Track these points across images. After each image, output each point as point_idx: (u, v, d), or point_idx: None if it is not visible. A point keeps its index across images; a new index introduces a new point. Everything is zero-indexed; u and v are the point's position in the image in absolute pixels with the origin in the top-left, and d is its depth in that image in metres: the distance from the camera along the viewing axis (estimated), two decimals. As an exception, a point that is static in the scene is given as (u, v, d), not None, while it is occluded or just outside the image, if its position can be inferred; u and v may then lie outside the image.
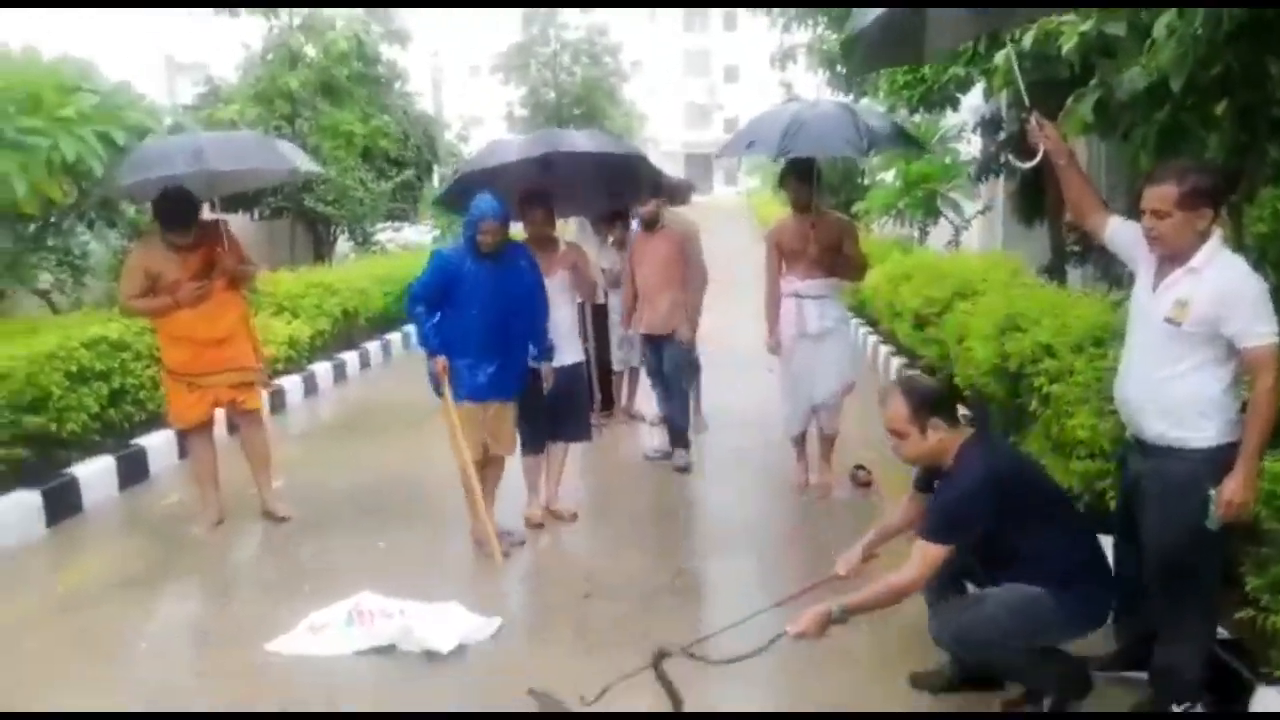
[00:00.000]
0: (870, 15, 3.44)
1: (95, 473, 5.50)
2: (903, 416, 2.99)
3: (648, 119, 43.84)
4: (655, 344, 5.95)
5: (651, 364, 6.15)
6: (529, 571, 4.53)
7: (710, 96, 60.50)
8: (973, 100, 9.47)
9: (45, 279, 8.35)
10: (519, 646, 3.67)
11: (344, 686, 3.37)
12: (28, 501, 4.99)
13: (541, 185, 4.97)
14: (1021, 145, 4.52)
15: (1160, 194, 2.78)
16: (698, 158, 53.76)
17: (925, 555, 2.87)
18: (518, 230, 4.87)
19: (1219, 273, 2.75)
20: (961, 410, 3.30)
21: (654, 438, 6.37)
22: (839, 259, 5.24)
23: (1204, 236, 2.78)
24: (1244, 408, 2.76)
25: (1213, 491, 2.72)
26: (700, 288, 6.01)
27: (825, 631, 2.90)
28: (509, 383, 4.54)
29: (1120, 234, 3.09)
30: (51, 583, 4.45)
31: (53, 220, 8.11)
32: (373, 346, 10.09)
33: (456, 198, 5.53)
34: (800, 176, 5.21)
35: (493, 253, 4.37)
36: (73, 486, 5.31)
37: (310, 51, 12.34)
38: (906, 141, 5.66)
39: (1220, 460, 2.74)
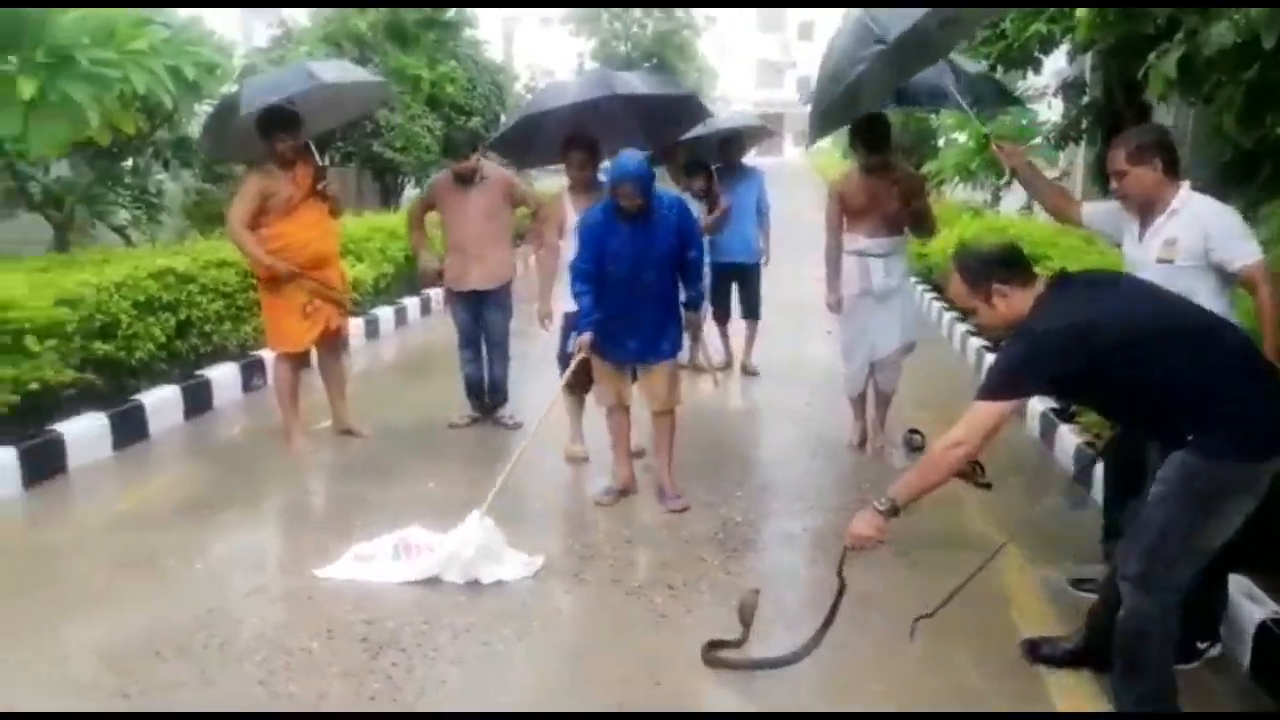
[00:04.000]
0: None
1: (161, 401, 5.66)
2: (963, 292, 2.80)
3: (718, 76, 43.15)
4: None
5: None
6: (573, 513, 4.55)
7: (784, 54, 59.30)
8: (1055, 64, 9.09)
9: (123, 216, 8.61)
10: (557, 585, 3.69)
11: (386, 611, 3.43)
12: (96, 425, 5.16)
13: (584, 127, 4.92)
14: (1103, 111, 4.81)
15: (1113, 158, 3.25)
16: (769, 117, 52.85)
17: (975, 415, 2.59)
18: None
19: (1196, 208, 3.17)
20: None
21: None
22: (907, 214, 5.10)
23: (1173, 185, 3.19)
24: None
25: None
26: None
27: (883, 533, 2.76)
28: (660, 344, 4.42)
29: (1096, 214, 3.58)
30: (114, 503, 4.61)
31: (128, 157, 8.34)
32: (434, 293, 10.18)
33: (513, 142, 5.54)
34: (872, 135, 5.01)
35: (639, 213, 4.19)
36: (139, 413, 5.47)
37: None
38: (1003, 96, 5.47)
39: None
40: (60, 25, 5.69)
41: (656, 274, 4.31)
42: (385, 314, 8.90)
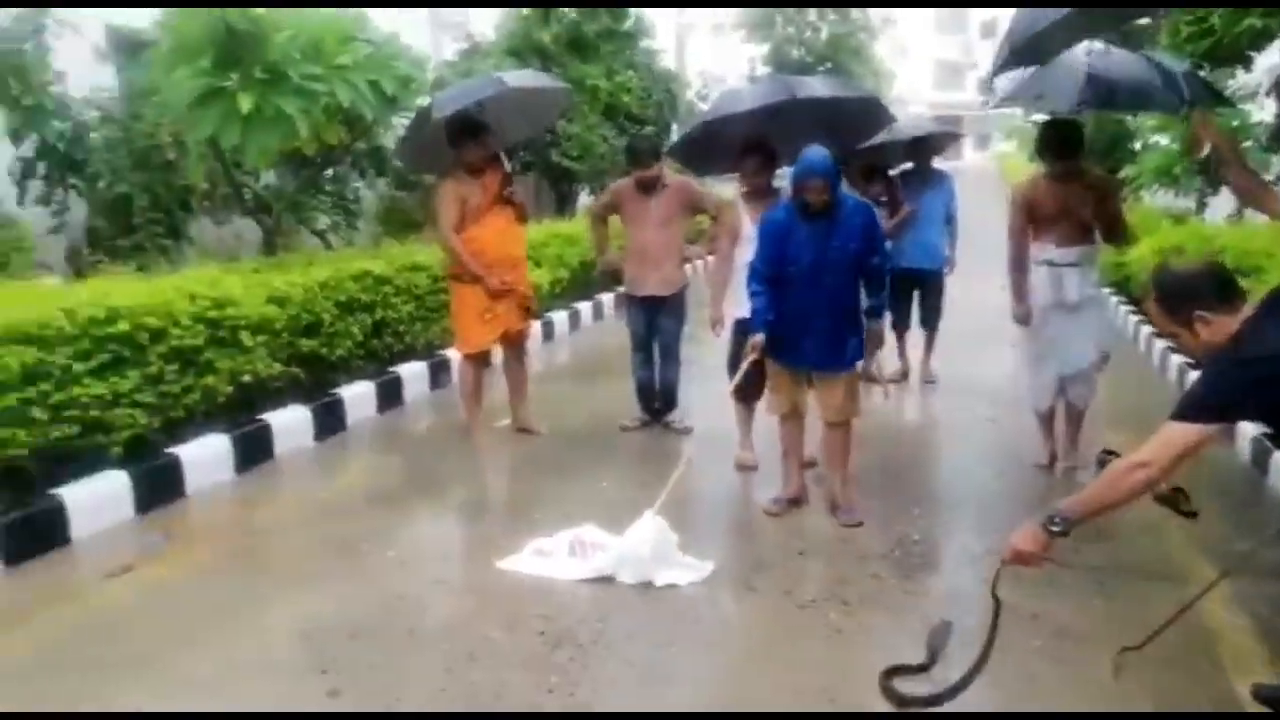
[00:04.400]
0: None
1: (358, 395, 6.05)
2: (1162, 319, 2.61)
3: (895, 77, 41.96)
4: None
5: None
6: (742, 521, 4.53)
7: (964, 54, 57.05)
8: (1269, 59, 8.31)
9: (323, 221, 9.27)
10: (728, 593, 3.68)
11: (563, 607, 3.51)
12: (300, 416, 5.55)
13: (760, 134, 4.87)
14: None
15: None
16: (947, 119, 50.95)
17: (1165, 436, 2.41)
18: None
19: None
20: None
21: None
22: (1100, 221, 4.80)
23: None
24: None
25: None
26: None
27: (1048, 551, 2.57)
28: (840, 352, 4.29)
29: None
30: (315, 490, 4.95)
31: (329, 167, 8.95)
32: (606, 298, 10.40)
33: (690, 149, 5.57)
34: (1061, 142, 4.73)
35: (823, 211, 4.12)
36: (339, 406, 5.86)
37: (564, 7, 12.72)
38: (1211, 96, 5.06)
39: None
40: (275, 43, 6.15)
41: (838, 278, 4.22)
42: (560, 317, 9.16)
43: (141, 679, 3.07)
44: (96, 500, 4.30)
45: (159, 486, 4.60)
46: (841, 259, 4.19)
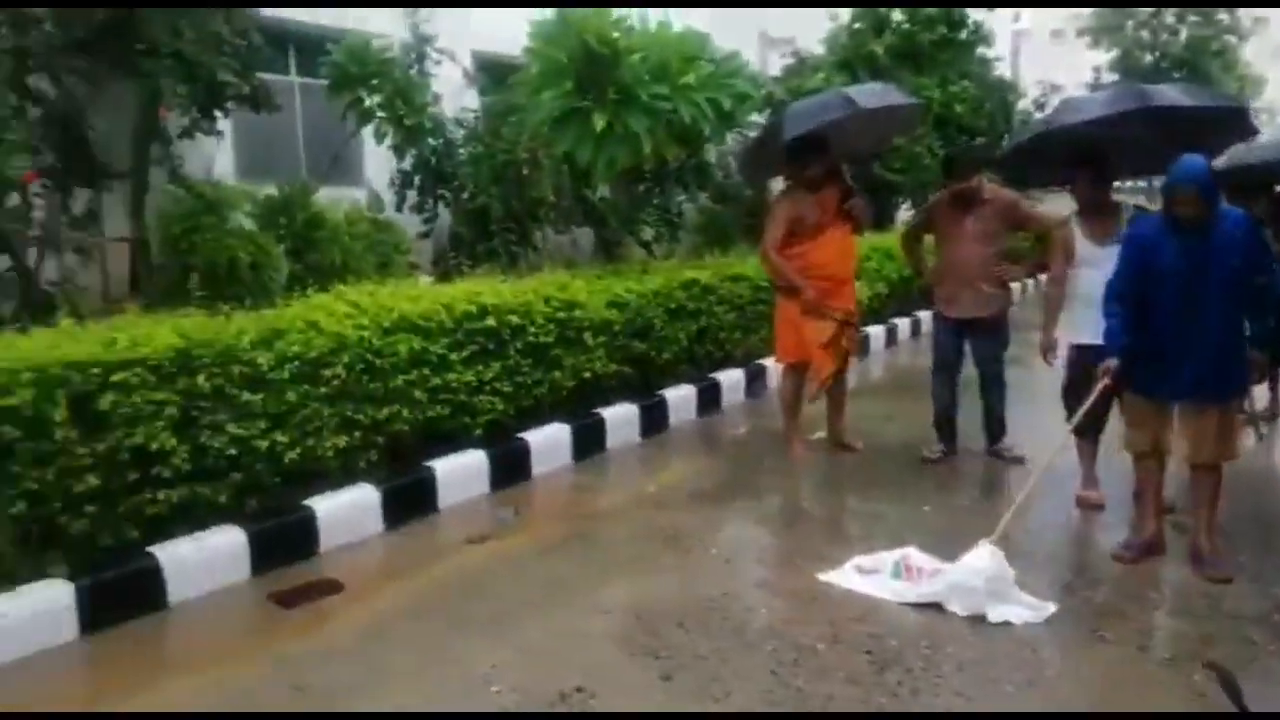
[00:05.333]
0: None
1: (680, 398, 6.32)
2: None
3: (1265, 84, 36.94)
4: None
5: None
6: (1087, 563, 4.18)
7: (1360, 53, 48.97)
8: None
9: (648, 232, 9.79)
10: (1073, 638, 3.41)
11: (890, 628, 3.45)
12: (629, 413, 5.89)
13: (1097, 145, 4.47)
14: None
15: None
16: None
17: None
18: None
19: None
20: None
21: None
22: None
23: None
24: None
25: None
26: None
27: None
28: (1216, 382, 3.86)
29: None
30: (643, 483, 5.23)
31: (660, 182, 9.43)
32: (924, 315, 10.05)
33: (1017, 160, 5.24)
34: None
35: (1197, 225, 3.75)
36: (662, 406, 6.16)
37: (898, 16, 12.47)
38: None
39: None
40: (627, 65, 6.58)
41: (1214, 298, 3.78)
42: (876, 332, 9.00)
43: (493, 636, 3.41)
44: (461, 475, 4.83)
45: (510, 467, 5.08)
46: (1219, 278, 3.76)
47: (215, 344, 3.93)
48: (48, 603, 3.35)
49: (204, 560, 3.75)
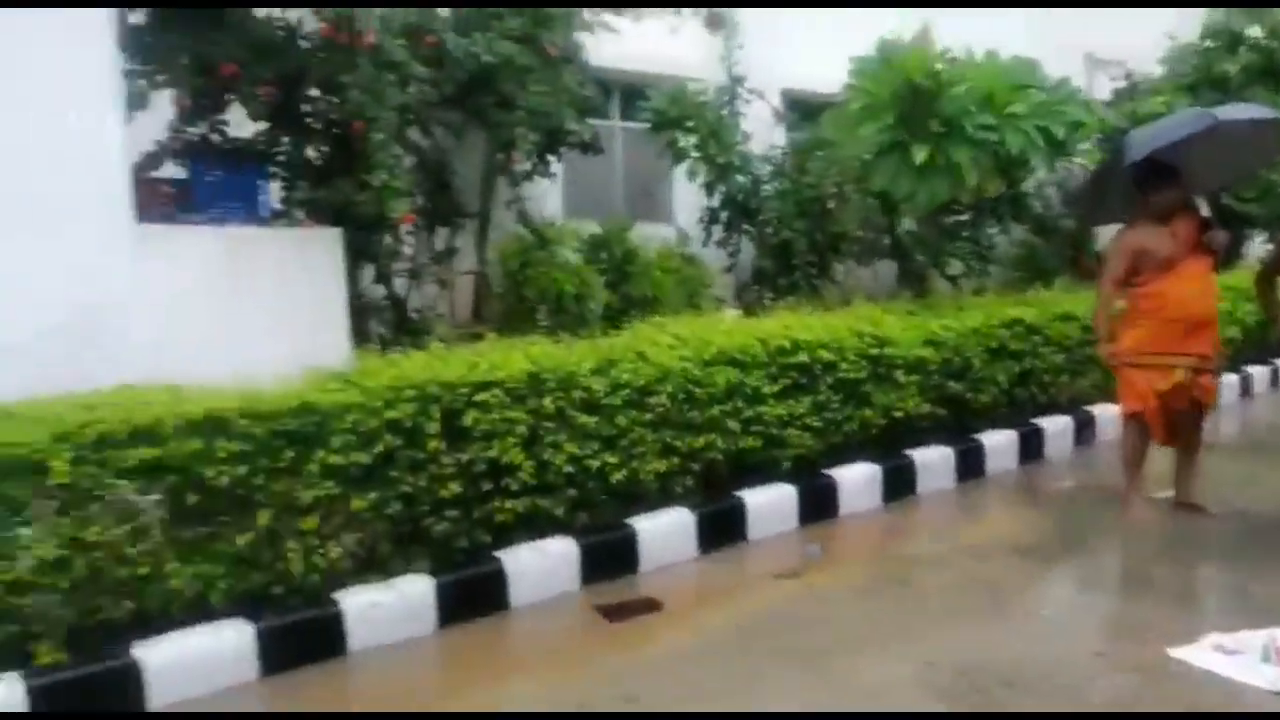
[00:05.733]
0: None
1: (998, 443, 5.98)
2: None
3: None
4: None
5: None
6: None
7: None
8: None
9: (955, 265, 9.39)
10: None
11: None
12: (942, 456, 5.67)
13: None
14: None
15: None
16: None
17: None
18: None
19: None
20: None
21: None
22: None
23: None
24: None
25: None
26: None
27: None
28: None
29: None
30: (959, 531, 5.01)
31: (975, 214, 9.04)
32: (1284, 364, 8.87)
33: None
34: None
35: None
36: (979, 451, 5.86)
37: (1254, 32, 11.14)
38: None
39: None
40: (950, 96, 6.39)
41: None
42: (1229, 381, 8.01)
43: (812, 674, 3.39)
44: (769, 507, 4.87)
45: (818, 503, 5.06)
46: None
47: (559, 370, 4.27)
48: (414, 596, 3.77)
49: (543, 568, 4.07)
